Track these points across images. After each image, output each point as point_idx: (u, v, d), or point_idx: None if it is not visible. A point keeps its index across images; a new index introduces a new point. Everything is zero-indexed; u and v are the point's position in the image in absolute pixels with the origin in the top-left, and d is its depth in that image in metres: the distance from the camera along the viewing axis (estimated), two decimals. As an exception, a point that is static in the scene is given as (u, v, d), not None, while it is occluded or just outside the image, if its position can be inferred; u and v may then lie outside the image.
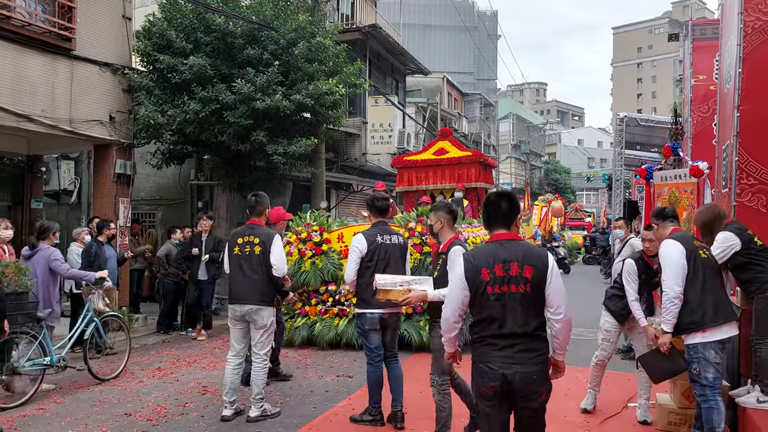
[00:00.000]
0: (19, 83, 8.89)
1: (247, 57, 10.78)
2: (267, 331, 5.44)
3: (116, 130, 10.56)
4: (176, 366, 7.55)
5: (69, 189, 14.14)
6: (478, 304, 3.11)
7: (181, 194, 15.16)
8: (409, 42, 35.68)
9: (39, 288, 6.41)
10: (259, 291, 5.37)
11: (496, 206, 3.22)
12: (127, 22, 10.77)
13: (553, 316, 3.13)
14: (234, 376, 5.47)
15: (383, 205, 5.31)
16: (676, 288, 4.13)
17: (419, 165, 12.72)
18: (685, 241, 4.28)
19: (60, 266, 6.67)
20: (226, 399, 5.48)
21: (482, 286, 3.06)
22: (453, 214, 4.60)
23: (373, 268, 5.07)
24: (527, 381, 3.01)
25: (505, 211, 3.20)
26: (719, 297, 4.20)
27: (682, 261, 4.17)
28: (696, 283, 4.16)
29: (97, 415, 5.61)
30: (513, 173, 44.67)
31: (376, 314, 5.11)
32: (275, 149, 10.84)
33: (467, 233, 8.80)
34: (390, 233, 5.27)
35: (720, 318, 4.12)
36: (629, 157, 20.69)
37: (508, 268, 3.05)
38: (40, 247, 6.71)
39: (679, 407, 5.05)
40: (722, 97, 6.41)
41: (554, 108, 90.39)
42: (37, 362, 6.00)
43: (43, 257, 6.63)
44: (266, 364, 5.47)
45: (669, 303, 4.16)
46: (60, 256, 6.84)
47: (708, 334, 4.11)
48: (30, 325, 6.03)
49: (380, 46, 20.72)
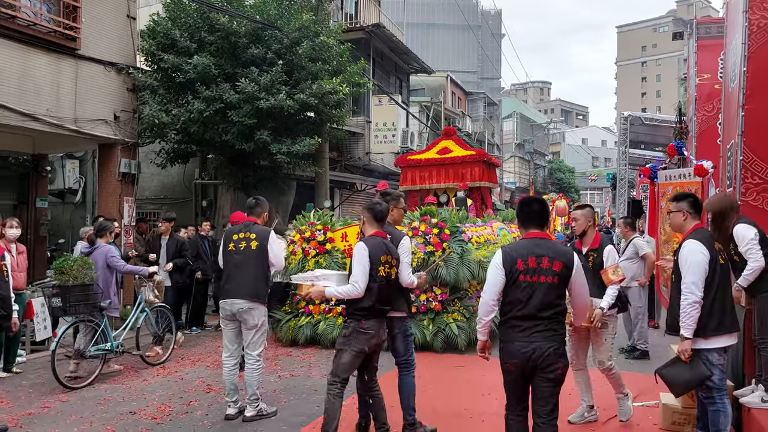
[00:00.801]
0: (24, 82, 8.93)
1: (251, 56, 10.81)
2: (258, 330, 5.38)
3: (121, 130, 10.59)
4: (180, 365, 7.57)
5: (74, 188, 14.20)
6: (510, 289, 3.64)
7: (186, 193, 15.21)
8: (412, 41, 35.64)
9: (99, 281, 6.93)
10: (251, 287, 5.33)
11: (530, 208, 3.79)
12: (131, 21, 10.81)
13: (574, 300, 3.84)
14: (232, 376, 5.47)
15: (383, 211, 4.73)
16: (698, 293, 4.01)
17: (423, 164, 12.71)
18: (709, 244, 4.13)
19: (117, 262, 7.26)
20: (228, 399, 5.51)
21: (516, 274, 3.59)
22: (373, 212, 4.63)
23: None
24: (546, 354, 3.54)
25: (538, 213, 3.77)
26: (727, 307, 4.13)
27: (705, 266, 4.04)
28: (710, 291, 4.06)
29: (102, 413, 5.63)
30: (517, 172, 44.59)
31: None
32: (279, 148, 10.86)
33: (470, 232, 8.79)
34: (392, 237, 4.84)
35: (723, 328, 4.07)
36: (633, 157, 20.65)
37: (540, 262, 3.58)
38: (98, 245, 7.28)
39: (684, 407, 5.04)
40: (727, 96, 6.38)
41: (558, 107, 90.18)
42: (100, 347, 6.76)
43: (102, 253, 7.17)
44: (260, 365, 5.41)
45: (689, 307, 4.02)
46: (117, 253, 7.52)
47: (710, 342, 4.07)
48: (94, 314, 6.74)
49: (384, 45, 20.73)
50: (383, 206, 4.71)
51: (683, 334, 4.07)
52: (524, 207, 3.82)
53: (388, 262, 4.47)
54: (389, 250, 4.52)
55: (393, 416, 4.86)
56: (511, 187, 41.94)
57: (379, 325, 4.48)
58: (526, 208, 3.80)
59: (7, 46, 8.69)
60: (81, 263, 6.69)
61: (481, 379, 6.71)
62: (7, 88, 8.68)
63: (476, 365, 7.19)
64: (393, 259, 4.52)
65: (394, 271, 4.53)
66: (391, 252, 4.53)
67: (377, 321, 4.46)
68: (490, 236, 9.61)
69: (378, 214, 4.64)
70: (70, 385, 6.40)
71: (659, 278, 7.72)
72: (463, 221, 8.92)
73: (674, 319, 4.22)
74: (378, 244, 4.47)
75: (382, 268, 4.41)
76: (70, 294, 6.47)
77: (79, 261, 6.72)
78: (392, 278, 4.53)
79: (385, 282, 4.44)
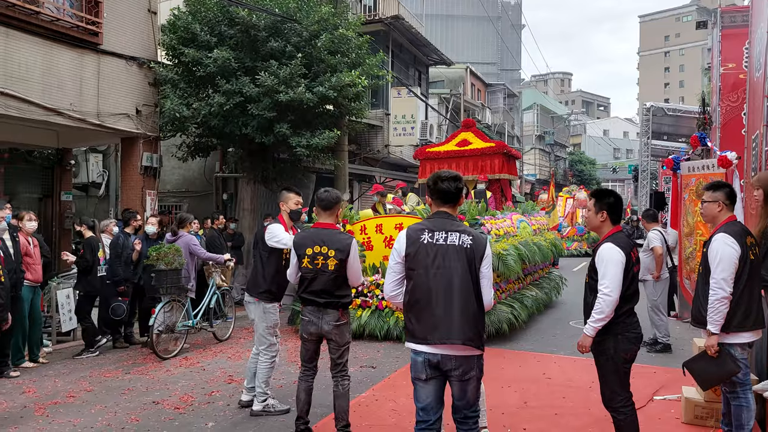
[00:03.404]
0: (47, 77, 9.05)
1: (271, 50, 10.83)
2: (260, 326, 5.34)
3: (143, 124, 10.70)
4: (202, 356, 7.66)
5: (97, 181, 14.40)
6: (626, 281, 3.72)
7: (206, 186, 15.34)
8: (431, 33, 35.49)
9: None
10: (250, 280, 5.53)
11: (619, 205, 3.90)
12: (152, 16, 10.91)
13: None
14: (251, 364, 5.55)
15: (449, 188, 3.52)
16: (727, 288, 3.95)
17: (442, 156, 12.67)
18: (740, 238, 4.04)
19: (198, 250, 8.10)
20: (244, 385, 5.65)
21: (631, 266, 3.78)
22: (322, 202, 4.63)
23: (416, 278, 3.43)
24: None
25: (623, 208, 3.89)
26: (753, 304, 4.04)
27: (735, 261, 3.97)
28: (737, 287, 3.99)
29: (126, 402, 5.72)
30: (537, 164, 44.28)
31: (421, 355, 3.41)
32: (298, 141, 10.89)
33: (490, 225, 8.75)
34: (449, 229, 3.45)
35: (747, 325, 4.00)
36: (656, 148, 20.33)
37: (635, 252, 3.85)
38: (181, 234, 8.10)
39: (706, 401, 4.98)
40: (752, 85, 6.26)
41: (579, 98, 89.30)
42: (184, 324, 7.79)
43: (184, 242, 7.98)
44: (265, 360, 5.33)
45: (718, 303, 3.96)
46: (197, 241, 8.31)
47: (731, 337, 4.01)
48: (181, 295, 7.73)
49: (403, 37, 20.66)
50: (330, 195, 4.66)
51: (710, 329, 4.01)
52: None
53: (321, 253, 4.47)
54: (325, 241, 4.49)
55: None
56: (531, 180, 41.68)
57: (313, 314, 4.55)
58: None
59: (30, 42, 8.82)
60: (173, 250, 7.60)
61: (500, 372, 6.70)
62: (30, 83, 8.81)
63: (494, 358, 7.18)
64: (330, 251, 4.45)
65: (332, 263, 4.45)
66: (327, 244, 4.48)
67: (311, 309, 4.56)
68: (510, 228, 9.56)
69: (322, 203, 4.64)
70: (162, 356, 7.41)
71: (681, 271, 7.63)
72: (482, 214, 8.89)
73: (699, 311, 4.16)
74: (309, 235, 4.58)
75: (306, 260, 4.49)
76: (166, 277, 7.47)
77: (172, 249, 7.63)
78: (328, 269, 4.46)
79: (313, 273, 4.48)
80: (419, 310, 3.39)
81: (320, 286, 4.49)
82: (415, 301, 3.41)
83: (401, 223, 8.67)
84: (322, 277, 4.48)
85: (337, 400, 4.62)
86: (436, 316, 3.34)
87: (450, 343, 3.31)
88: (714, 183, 4.47)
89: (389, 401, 5.71)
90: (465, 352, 3.34)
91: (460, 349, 3.33)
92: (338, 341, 4.59)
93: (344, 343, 4.63)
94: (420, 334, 3.37)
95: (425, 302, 3.37)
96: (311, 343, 4.67)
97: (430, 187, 3.57)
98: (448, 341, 3.31)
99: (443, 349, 3.33)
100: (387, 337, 8.28)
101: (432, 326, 3.34)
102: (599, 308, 3.68)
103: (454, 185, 3.51)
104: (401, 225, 8.66)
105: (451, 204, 3.53)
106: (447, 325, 3.32)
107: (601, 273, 3.74)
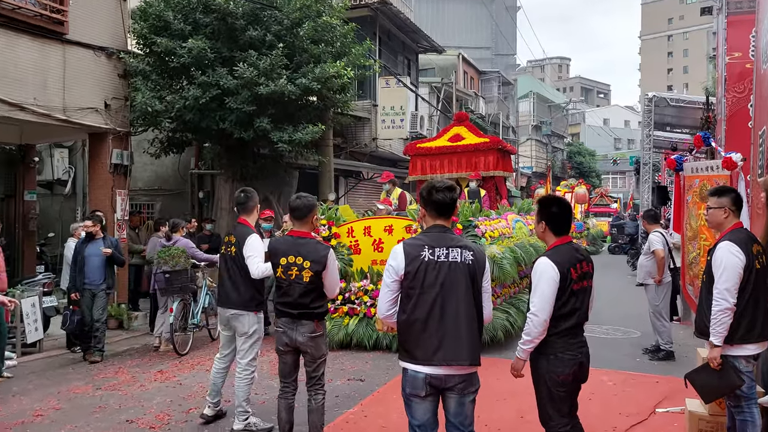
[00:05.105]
0: (9, 70, 8.96)
1: (250, 39, 10.79)
2: (250, 338, 5.37)
3: (112, 118, 10.63)
4: (179, 369, 7.66)
5: (63, 179, 14.27)
6: (563, 298, 3.64)
7: (181, 184, 15.26)
8: (421, 18, 35.43)
9: None
10: (238, 295, 5.38)
11: (562, 216, 3.86)
12: (122, 3, 10.83)
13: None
14: (217, 378, 5.59)
15: (445, 198, 3.54)
16: (731, 299, 4.00)
17: (433, 152, 12.71)
18: (746, 247, 4.09)
19: (196, 252, 8.83)
20: (208, 399, 5.67)
21: (570, 283, 3.65)
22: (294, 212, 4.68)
23: (417, 297, 3.44)
24: (588, 361, 3.76)
25: (569, 218, 3.89)
26: (758, 315, 4.10)
27: (739, 270, 4.02)
28: (742, 297, 4.04)
29: (97, 422, 5.71)
30: (533, 156, 44.43)
31: (422, 373, 3.43)
32: (280, 137, 10.88)
33: (484, 227, 8.80)
34: (449, 245, 3.50)
35: (751, 337, 4.07)
36: (659, 139, 20.44)
37: (582, 267, 3.74)
38: (175, 238, 8.79)
39: (711, 414, 5.05)
40: (759, 76, 6.32)
41: (578, 85, 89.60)
42: (192, 322, 8.75)
43: (182, 245, 8.63)
44: (248, 374, 5.35)
45: (721, 314, 4.01)
46: (193, 245, 9.10)
47: (735, 349, 4.08)
48: (189, 295, 8.65)
49: (391, 23, 20.64)
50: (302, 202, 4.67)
51: (713, 341, 4.07)
52: (559, 215, 3.87)
53: (296, 264, 4.52)
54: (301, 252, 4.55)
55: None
56: (527, 173, 41.85)
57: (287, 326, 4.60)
58: (560, 216, 3.87)
59: (-10, 32, 8.72)
60: (181, 252, 8.44)
61: (495, 383, 6.75)
62: (-10, 76, 8.72)
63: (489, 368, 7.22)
64: (306, 262, 4.50)
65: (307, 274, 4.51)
66: (303, 254, 4.53)
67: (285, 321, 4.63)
68: (505, 230, 9.62)
69: (295, 213, 4.68)
70: (181, 352, 8.31)
71: (684, 276, 7.71)
72: (476, 215, 8.93)
73: (703, 321, 4.23)
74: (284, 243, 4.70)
75: (280, 270, 4.58)
76: (178, 277, 8.34)
77: (180, 250, 8.46)
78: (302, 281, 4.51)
79: (286, 283, 4.55)
80: (420, 330, 3.41)
81: (294, 298, 4.54)
82: (414, 320, 3.43)
83: (391, 225, 8.70)
84: (296, 288, 4.53)
85: (310, 416, 4.66)
86: (440, 336, 3.38)
87: (457, 365, 3.38)
88: (719, 188, 4.51)
89: (379, 418, 5.74)
90: (469, 370, 3.44)
91: (465, 369, 3.42)
92: (314, 354, 4.64)
93: (320, 355, 4.68)
94: (422, 356, 3.40)
95: (428, 322, 3.41)
96: (288, 356, 4.71)
97: (424, 198, 3.57)
98: (455, 362, 3.38)
99: (448, 369, 3.39)
100: (376, 347, 8.32)
101: (436, 347, 3.38)
102: (526, 329, 3.73)
103: (450, 196, 3.53)
104: (391, 227, 8.70)
105: (446, 216, 3.57)
106: (453, 345, 3.38)
107: (531, 290, 3.77)
